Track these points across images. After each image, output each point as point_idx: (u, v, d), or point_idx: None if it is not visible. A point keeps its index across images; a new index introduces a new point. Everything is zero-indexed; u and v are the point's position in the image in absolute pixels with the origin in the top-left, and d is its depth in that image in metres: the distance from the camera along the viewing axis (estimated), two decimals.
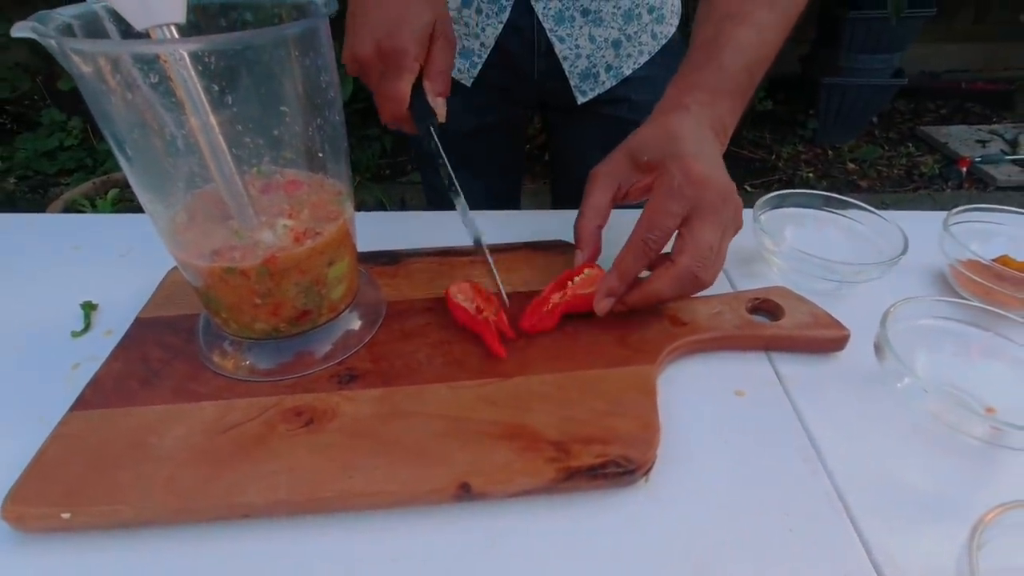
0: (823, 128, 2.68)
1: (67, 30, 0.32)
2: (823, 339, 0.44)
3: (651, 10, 0.71)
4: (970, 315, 0.42)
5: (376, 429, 0.36)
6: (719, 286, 0.50)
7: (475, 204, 0.74)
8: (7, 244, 0.59)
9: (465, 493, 0.32)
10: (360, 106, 2.21)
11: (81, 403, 0.39)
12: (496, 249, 0.52)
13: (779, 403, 0.41)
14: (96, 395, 0.39)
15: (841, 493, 0.35)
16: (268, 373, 0.40)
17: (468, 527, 0.33)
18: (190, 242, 0.37)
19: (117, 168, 2.17)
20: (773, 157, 2.56)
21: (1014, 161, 2.42)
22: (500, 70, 0.73)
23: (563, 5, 0.68)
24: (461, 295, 0.44)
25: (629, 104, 0.76)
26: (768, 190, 2.37)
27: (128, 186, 1.75)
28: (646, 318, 0.44)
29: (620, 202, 0.46)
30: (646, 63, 0.74)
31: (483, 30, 0.70)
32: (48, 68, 2.44)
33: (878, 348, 0.39)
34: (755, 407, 0.40)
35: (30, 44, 0.30)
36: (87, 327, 0.48)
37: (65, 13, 0.32)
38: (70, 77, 0.31)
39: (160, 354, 0.42)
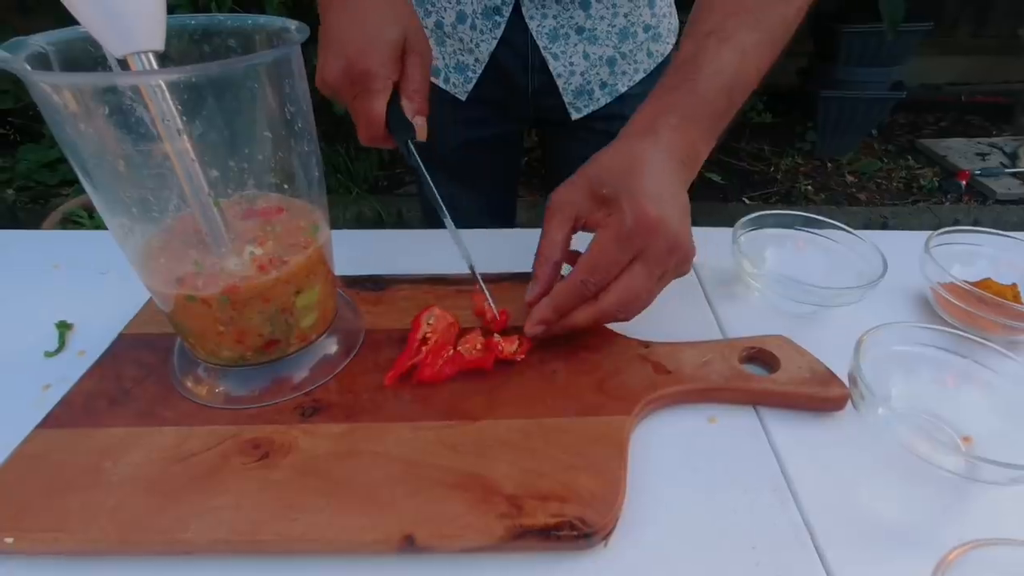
0: (822, 141, 2.68)
1: (42, 58, 0.33)
2: (821, 398, 0.40)
3: (647, 28, 0.71)
4: (947, 341, 0.42)
5: (329, 468, 0.35)
6: (709, 327, 0.50)
7: (469, 217, 0.74)
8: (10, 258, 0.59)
9: (409, 546, 0.31)
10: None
11: (48, 421, 0.39)
12: (484, 279, 0.51)
13: (752, 431, 0.40)
14: (64, 414, 0.39)
15: (809, 524, 0.34)
16: (240, 400, 0.39)
17: None
18: (157, 269, 0.37)
19: None
20: (771, 170, 2.56)
21: (1014, 174, 2.42)
22: (495, 85, 0.74)
23: (557, 23, 0.68)
24: (428, 321, 0.44)
25: (624, 120, 0.76)
26: (766, 203, 2.38)
27: None
28: (629, 362, 0.43)
29: (578, 230, 0.46)
30: (642, 80, 0.74)
31: (477, 46, 0.70)
32: None
33: (851, 378, 0.39)
34: (727, 435, 0.40)
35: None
36: (61, 347, 0.48)
37: (40, 40, 0.33)
38: None
39: (135, 372, 0.42)
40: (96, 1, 0.30)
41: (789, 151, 2.69)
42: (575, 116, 0.74)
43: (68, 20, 0.33)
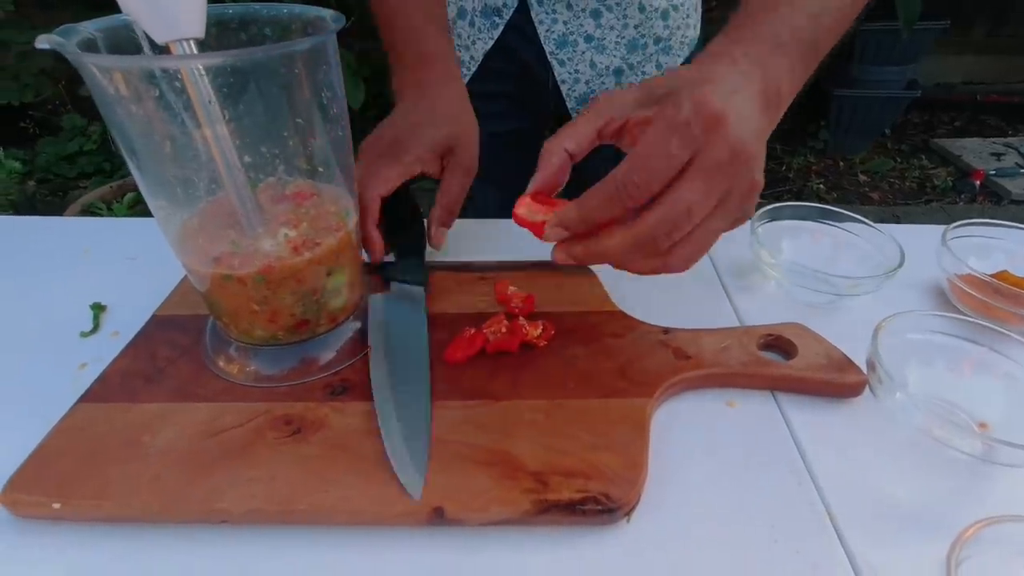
0: (834, 139, 2.67)
1: (90, 43, 0.34)
2: (838, 384, 0.41)
3: (657, 40, 0.71)
4: (964, 330, 0.42)
5: (359, 444, 0.36)
6: (727, 316, 0.50)
7: (486, 212, 0.75)
8: (20, 246, 0.61)
9: (438, 518, 0.32)
10: (372, 114, 2.24)
11: (87, 396, 0.40)
12: (506, 267, 0.52)
13: (770, 415, 0.41)
14: (103, 389, 0.40)
15: (828, 505, 0.35)
16: (270, 379, 0.41)
17: (442, 552, 0.33)
18: (195, 248, 0.38)
19: None
20: (783, 168, 2.55)
21: None
22: (510, 80, 0.74)
23: (567, 29, 0.68)
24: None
25: None
26: (778, 201, 2.37)
27: None
28: (650, 348, 0.43)
29: (611, 140, 0.38)
30: None
31: (473, 43, 0.71)
32: (71, 74, 2.50)
33: (869, 363, 0.39)
34: (746, 419, 0.41)
35: (54, 52, 0.31)
36: (96, 328, 0.49)
37: (89, 27, 0.34)
38: None
39: (168, 352, 0.44)
40: None
41: (801, 150, 2.68)
42: None
43: (88, 15, 0.35)
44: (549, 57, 0.70)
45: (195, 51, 0.34)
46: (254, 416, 0.38)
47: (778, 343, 0.45)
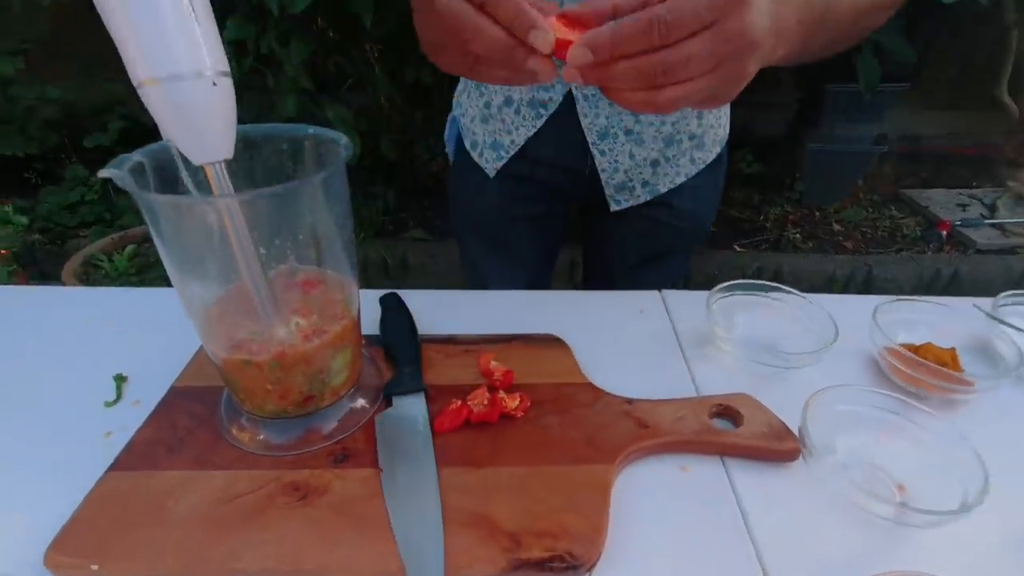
0: (809, 190, 2.80)
1: (139, 168, 0.41)
2: (776, 450, 0.47)
3: (692, 137, 0.77)
4: (884, 401, 0.49)
5: (360, 508, 0.41)
6: (685, 385, 0.56)
7: (504, 287, 0.80)
8: (41, 315, 0.66)
9: None
10: (367, 163, 2.34)
11: (116, 465, 0.45)
12: (488, 340, 0.58)
13: (719, 479, 0.47)
14: (129, 458, 0.46)
15: (763, 561, 0.41)
16: (278, 448, 0.46)
17: None
18: (217, 334, 0.44)
19: (134, 222, 2.28)
20: (761, 218, 2.66)
21: (993, 225, 2.52)
22: (537, 166, 0.80)
23: (608, 122, 0.73)
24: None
25: (669, 209, 0.82)
26: (756, 250, 2.47)
27: (144, 242, 1.84)
28: (614, 418, 0.49)
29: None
30: (682, 183, 0.79)
31: (516, 129, 0.77)
32: (75, 125, 2.59)
33: (801, 433, 0.45)
34: (697, 482, 0.46)
35: (62, 104, 0.37)
36: (118, 398, 0.54)
37: (137, 155, 0.41)
38: (96, 135, 0.39)
39: (187, 422, 0.49)
40: (184, 126, 0.39)
41: (778, 200, 2.80)
42: (614, 208, 0.80)
43: (93, 70, 0.40)
44: (591, 147, 0.75)
45: (225, 171, 0.40)
46: (265, 483, 0.44)
47: (727, 412, 0.51)
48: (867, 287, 2.27)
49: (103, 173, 0.38)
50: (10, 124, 2.48)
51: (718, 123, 0.80)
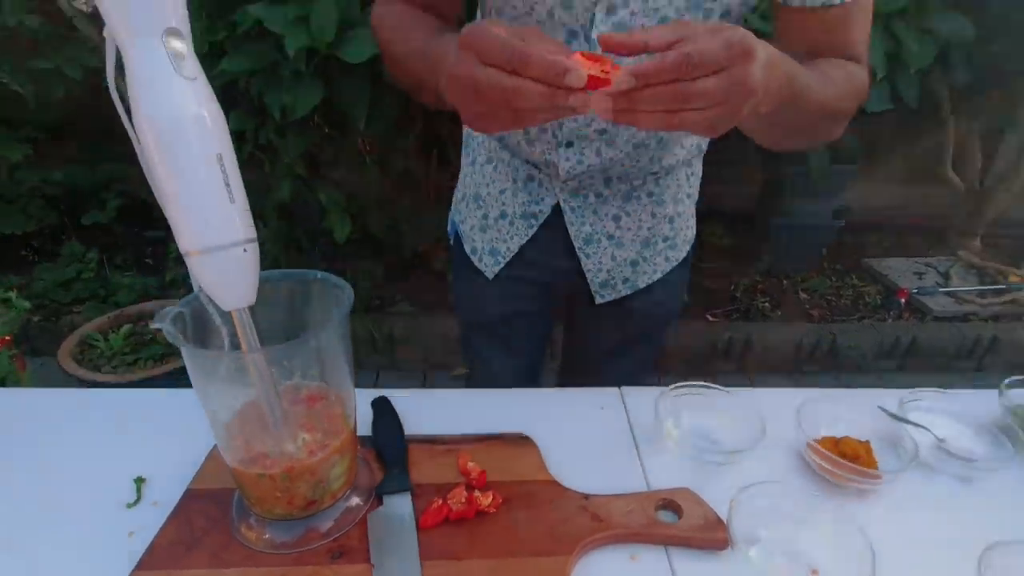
0: (776, 261, 2.96)
1: (180, 317, 0.50)
2: (710, 540, 0.55)
3: (666, 239, 0.89)
4: (801, 494, 0.58)
5: None
6: (637, 478, 0.65)
7: (502, 377, 0.88)
8: (61, 417, 0.73)
9: None
10: (356, 236, 2.46)
11: (141, 565, 0.52)
12: (466, 440, 0.67)
13: (662, 566, 0.55)
14: (152, 559, 0.53)
15: None
16: (283, 546, 0.53)
17: None
18: (235, 447, 0.53)
19: (127, 300, 2.35)
20: (732, 288, 2.81)
21: (947, 293, 2.68)
22: (538, 268, 0.90)
23: (592, 229, 0.85)
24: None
25: (644, 300, 0.93)
26: (728, 320, 2.60)
27: (139, 321, 1.90)
28: (572, 513, 0.57)
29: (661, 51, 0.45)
30: (660, 279, 0.91)
31: (512, 238, 0.88)
32: (74, 204, 2.70)
33: (727, 523, 0.54)
34: (644, 569, 0.54)
35: (63, 185, 0.46)
36: (138, 499, 0.62)
37: (177, 307, 0.50)
38: (94, 212, 0.48)
39: (203, 523, 0.56)
40: (218, 282, 0.48)
41: (748, 270, 2.96)
42: (599, 301, 0.91)
43: (95, 147, 0.49)
44: (578, 251, 0.86)
45: (249, 315, 0.50)
46: None
47: (670, 505, 0.60)
48: (832, 354, 2.39)
49: (155, 325, 0.47)
50: (13, 203, 2.57)
51: (687, 224, 0.93)
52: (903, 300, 2.65)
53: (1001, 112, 2.60)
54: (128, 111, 0.45)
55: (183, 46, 0.45)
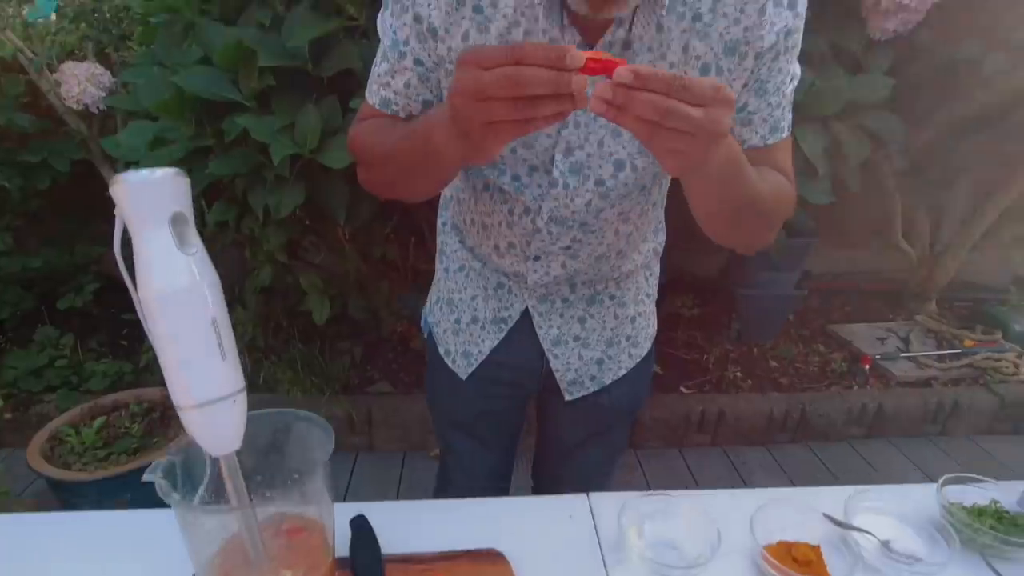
0: (745, 329, 3.07)
1: (171, 467, 0.54)
2: None
3: (628, 338, 0.96)
4: None
5: None
6: None
7: (473, 473, 0.94)
8: (37, 545, 0.74)
9: None
10: (335, 316, 2.50)
11: None
12: (443, 557, 0.70)
13: None
14: None
15: None
16: None
17: None
18: None
19: (100, 387, 2.32)
20: (704, 358, 2.88)
21: (908, 358, 2.80)
22: (501, 368, 0.95)
23: (560, 332, 0.92)
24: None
25: (609, 396, 0.98)
26: (701, 392, 2.66)
27: (113, 412, 1.88)
28: None
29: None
30: (624, 375, 0.97)
31: (483, 341, 0.94)
32: (49, 290, 2.70)
33: None
34: None
35: (41, 265, 0.48)
36: None
37: (168, 458, 0.54)
38: (69, 296, 0.51)
39: None
40: (208, 432, 0.53)
41: (719, 339, 3.05)
42: (568, 398, 0.97)
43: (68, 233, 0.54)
44: (546, 352, 0.92)
45: (235, 457, 0.54)
46: None
47: None
48: (803, 424, 2.45)
49: (147, 478, 0.51)
50: None
51: (648, 322, 1.00)
52: (867, 367, 2.74)
53: (941, 188, 2.81)
54: (132, 278, 0.51)
55: (186, 228, 0.51)
